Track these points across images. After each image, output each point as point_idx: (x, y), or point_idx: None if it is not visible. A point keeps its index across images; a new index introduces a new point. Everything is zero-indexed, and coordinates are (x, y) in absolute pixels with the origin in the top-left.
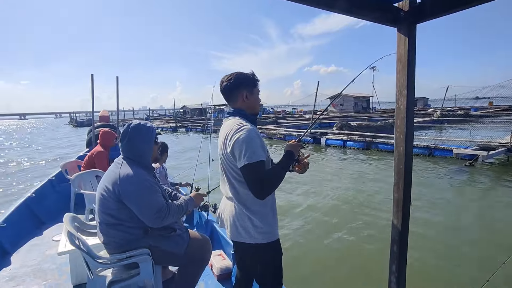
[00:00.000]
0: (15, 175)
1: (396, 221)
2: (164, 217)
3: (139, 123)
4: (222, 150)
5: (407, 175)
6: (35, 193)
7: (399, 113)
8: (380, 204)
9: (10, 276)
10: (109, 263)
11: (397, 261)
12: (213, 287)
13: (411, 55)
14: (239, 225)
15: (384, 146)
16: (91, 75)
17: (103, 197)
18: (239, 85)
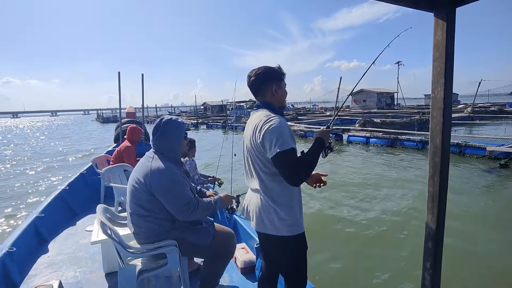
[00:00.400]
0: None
1: (431, 216)
2: (193, 211)
3: (171, 118)
4: (251, 142)
5: (444, 168)
6: (68, 186)
7: (436, 103)
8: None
9: (49, 262)
10: (138, 253)
11: (432, 258)
12: (237, 280)
13: (449, 41)
14: (265, 217)
15: (410, 143)
16: (118, 73)
17: (135, 189)
18: (268, 79)
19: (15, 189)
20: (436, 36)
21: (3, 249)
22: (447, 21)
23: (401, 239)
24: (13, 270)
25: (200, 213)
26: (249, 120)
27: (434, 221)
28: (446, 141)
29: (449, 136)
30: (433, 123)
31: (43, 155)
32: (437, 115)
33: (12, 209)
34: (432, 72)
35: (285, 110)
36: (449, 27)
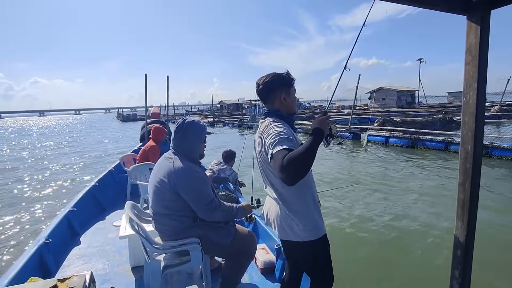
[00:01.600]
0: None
1: (461, 223)
2: (215, 209)
3: (194, 120)
4: (260, 151)
5: (475, 175)
6: (98, 182)
7: (468, 108)
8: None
9: (80, 254)
10: (163, 249)
11: (461, 266)
12: (257, 280)
13: (483, 45)
14: (285, 225)
15: (432, 143)
16: (145, 75)
17: (158, 189)
18: (276, 87)
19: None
20: (469, 39)
21: (40, 240)
22: (481, 24)
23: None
24: (49, 259)
25: (221, 214)
26: (258, 129)
27: (464, 228)
28: (478, 147)
29: (482, 142)
30: (465, 129)
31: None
32: (469, 120)
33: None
34: (464, 76)
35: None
36: (483, 31)
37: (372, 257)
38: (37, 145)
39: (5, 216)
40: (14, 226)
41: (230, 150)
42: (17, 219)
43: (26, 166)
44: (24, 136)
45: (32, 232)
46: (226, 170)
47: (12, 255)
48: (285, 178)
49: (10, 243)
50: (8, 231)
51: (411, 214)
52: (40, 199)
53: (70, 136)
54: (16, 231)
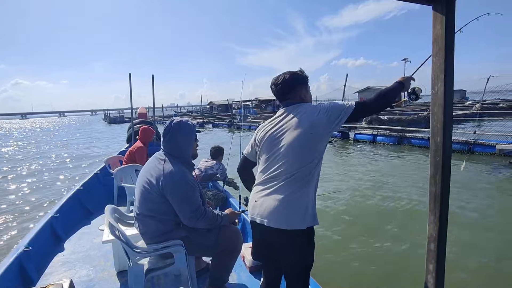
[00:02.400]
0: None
1: (433, 217)
2: (199, 218)
3: (181, 120)
4: (301, 131)
5: (446, 167)
6: (83, 186)
7: (436, 99)
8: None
9: (63, 261)
10: (145, 253)
11: (435, 260)
12: (245, 279)
13: (449, 35)
14: (303, 211)
15: (417, 141)
16: (129, 74)
17: (146, 190)
18: (296, 84)
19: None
20: (435, 30)
21: (20, 248)
22: (446, 14)
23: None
24: (30, 268)
25: (204, 223)
26: (287, 115)
27: (436, 222)
28: (447, 139)
29: (451, 134)
30: (434, 120)
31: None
32: (438, 112)
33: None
34: (431, 67)
35: None
36: (449, 21)
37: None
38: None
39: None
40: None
41: (218, 146)
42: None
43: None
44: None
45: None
46: (213, 166)
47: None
48: (376, 105)
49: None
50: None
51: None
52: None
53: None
54: None
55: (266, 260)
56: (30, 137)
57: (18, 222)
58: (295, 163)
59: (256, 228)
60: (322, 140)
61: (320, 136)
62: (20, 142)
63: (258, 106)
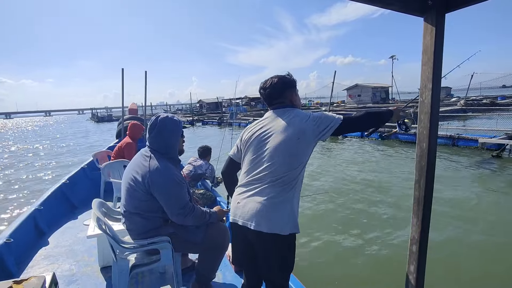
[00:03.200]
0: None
1: (416, 220)
2: (187, 215)
3: (167, 116)
4: (288, 136)
5: (429, 172)
6: (68, 180)
7: (423, 108)
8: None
9: (46, 255)
10: (132, 248)
11: (416, 262)
12: (230, 279)
13: (438, 46)
14: (286, 216)
15: (404, 136)
16: (122, 70)
17: (131, 187)
18: (286, 88)
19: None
20: (425, 40)
21: (0, 240)
22: (436, 26)
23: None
24: (10, 261)
25: (193, 220)
26: (276, 117)
27: (419, 225)
28: (432, 146)
29: (436, 140)
30: (421, 127)
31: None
32: (424, 119)
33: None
34: (420, 76)
35: None
36: (438, 32)
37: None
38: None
39: None
40: None
41: (206, 145)
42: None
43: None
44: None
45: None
46: (202, 165)
47: None
48: (368, 121)
49: None
50: None
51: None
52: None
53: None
54: None
55: (246, 263)
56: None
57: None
58: (281, 166)
59: (237, 230)
60: (308, 148)
61: (307, 143)
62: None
63: (248, 104)
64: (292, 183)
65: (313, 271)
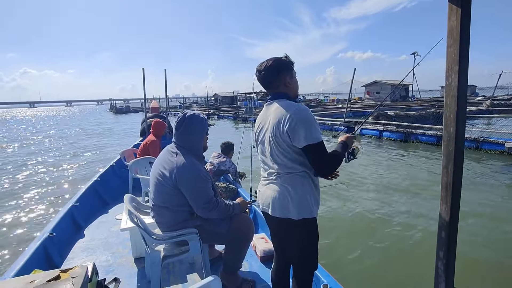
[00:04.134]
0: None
1: (445, 206)
2: (212, 209)
3: (193, 114)
4: (273, 133)
5: (458, 157)
6: (100, 177)
7: (449, 91)
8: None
9: (84, 247)
10: (162, 240)
11: (446, 247)
12: (256, 268)
13: (464, 27)
14: (303, 201)
15: (424, 137)
16: (143, 70)
17: (159, 182)
18: (279, 71)
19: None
20: (450, 22)
21: (45, 233)
22: (462, 6)
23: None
24: (54, 252)
25: (217, 214)
26: (269, 110)
27: (447, 211)
28: (460, 130)
29: (464, 124)
30: (447, 111)
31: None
32: (451, 103)
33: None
34: (446, 59)
35: (295, 102)
36: (464, 13)
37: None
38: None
39: (6, 212)
40: (16, 222)
41: (228, 142)
42: (18, 215)
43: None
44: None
45: (35, 227)
46: (226, 163)
47: (14, 249)
48: (325, 172)
49: (13, 238)
50: (11, 226)
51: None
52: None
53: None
54: (19, 226)
55: (275, 246)
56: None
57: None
58: (280, 161)
59: (264, 216)
60: (292, 149)
61: (287, 147)
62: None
63: (263, 98)
64: (302, 172)
65: (338, 262)
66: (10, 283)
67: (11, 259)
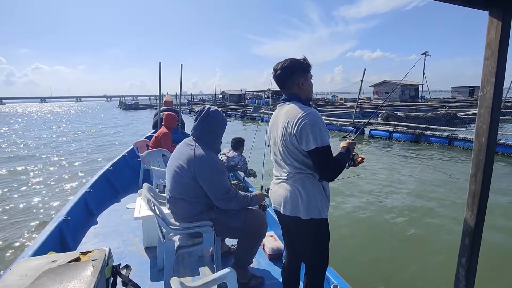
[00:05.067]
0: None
1: (471, 213)
2: (231, 200)
3: (217, 109)
4: (283, 134)
5: (487, 167)
6: (112, 166)
7: (484, 101)
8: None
9: (96, 233)
10: (179, 230)
11: (468, 254)
12: (265, 265)
13: (503, 41)
14: (313, 201)
15: (436, 139)
16: (159, 63)
17: (177, 174)
18: (294, 72)
19: None
20: (489, 35)
21: (60, 217)
22: (502, 20)
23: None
24: (68, 236)
25: (236, 204)
26: (280, 112)
27: (473, 219)
28: (491, 141)
29: (495, 135)
30: (480, 121)
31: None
32: (485, 113)
33: None
34: (482, 70)
35: (307, 105)
36: (504, 27)
37: (373, 245)
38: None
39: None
40: (33, 205)
41: (239, 137)
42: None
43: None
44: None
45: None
46: (235, 157)
47: (29, 231)
48: (329, 176)
49: (29, 220)
50: (26, 210)
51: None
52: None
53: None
54: (34, 209)
55: (286, 243)
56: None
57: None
58: (289, 162)
59: (276, 214)
60: (299, 151)
61: (295, 150)
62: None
63: (276, 96)
64: (309, 173)
65: (345, 259)
66: (34, 261)
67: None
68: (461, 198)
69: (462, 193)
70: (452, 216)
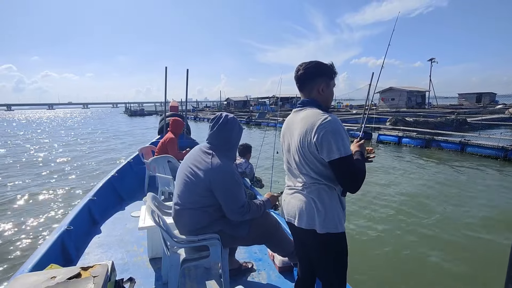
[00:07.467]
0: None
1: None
2: (245, 213)
3: (234, 117)
4: (300, 142)
5: None
6: (117, 173)
7: None
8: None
9: (100, 243)
10: (183, 243)
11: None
12: (274, 278)
13: None
14: (330, 214)
15: (447, 145)
16: (165, 68)
17: (191, 181)
18: (317, 75)
19: None
20: None
21: (62, 227)
22: None
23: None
24: (70, 246)
25: (250, 216)
26: (298, 117)
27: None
28: None
29: None
30: None
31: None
32: None
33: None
34: None
35: (326, 111)
36: None
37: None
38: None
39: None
40: (33, 214)
41: (246, 143)
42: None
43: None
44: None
45: (50, 219)
46: (242, 164)
47: (32, 240)
48: (355, 188)
49: (30, 229)
50: (28, 218)
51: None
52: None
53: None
54: (36, 218)
55: (299, 256)
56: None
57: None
58: (306, 172)
59: (289, 226)
60: (319, 161)
61: (313, 159)
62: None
63: (274, 103)
64: (328, 184)
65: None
66: (32, 278)
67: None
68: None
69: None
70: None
